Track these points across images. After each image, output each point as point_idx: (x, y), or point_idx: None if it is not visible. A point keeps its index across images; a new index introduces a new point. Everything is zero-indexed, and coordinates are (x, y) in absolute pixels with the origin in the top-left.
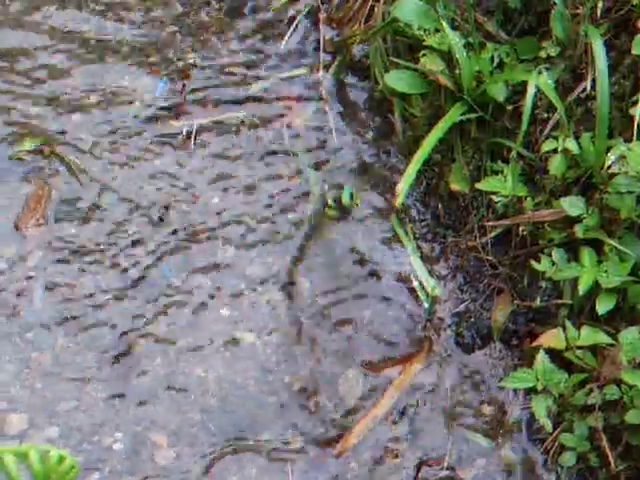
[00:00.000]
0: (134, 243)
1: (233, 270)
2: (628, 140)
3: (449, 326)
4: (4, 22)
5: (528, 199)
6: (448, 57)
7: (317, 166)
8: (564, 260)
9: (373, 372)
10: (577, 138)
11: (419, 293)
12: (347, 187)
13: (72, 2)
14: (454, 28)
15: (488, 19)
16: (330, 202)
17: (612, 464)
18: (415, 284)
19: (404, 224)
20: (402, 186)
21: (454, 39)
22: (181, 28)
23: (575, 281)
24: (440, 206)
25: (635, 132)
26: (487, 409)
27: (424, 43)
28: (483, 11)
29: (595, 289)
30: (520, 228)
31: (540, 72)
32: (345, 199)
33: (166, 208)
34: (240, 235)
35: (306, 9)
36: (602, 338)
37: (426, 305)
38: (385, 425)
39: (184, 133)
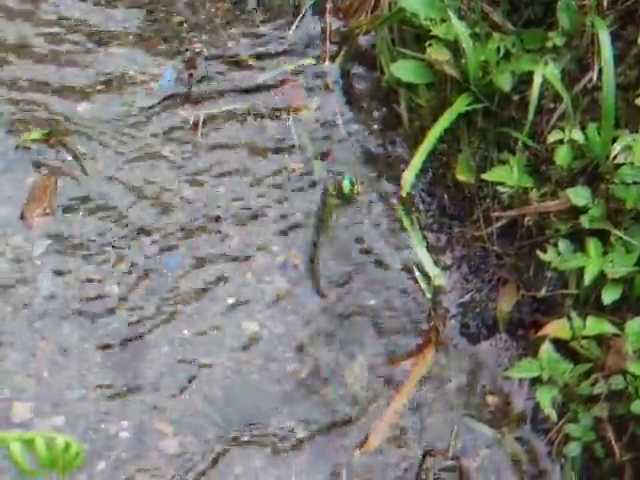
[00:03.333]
0: (140, 232)
1: (238, 260)
2: (634, 130)
3: (454, 316)
4: (10, 13)
5: (534, 189)
6: (454, 47)
7: (323, 156)
8: (570, 250)
9: (384, 364)
10: (583, 128)
11: (424, 283)
12: (347, 175)
13: None
14: (460, 18)
15: (494, 9)
16: (331, 191)
17: (617, 454)
18: (420, 274)
19: (410, 214)
20: (408, 176)
21: (460, 29)
22: (188, 18)
23: (581, 271)
24: (446, 196)
25: None
26: (492, 399)
27: (430, 33)
28: (489, 1)
29: (601, 279)
30: (526, 218)
31: (546, 62)
32: (346, 187)
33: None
34: (246, 225)
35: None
36: (607, 328)
37: (431, 295)
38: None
39: (191, 123)
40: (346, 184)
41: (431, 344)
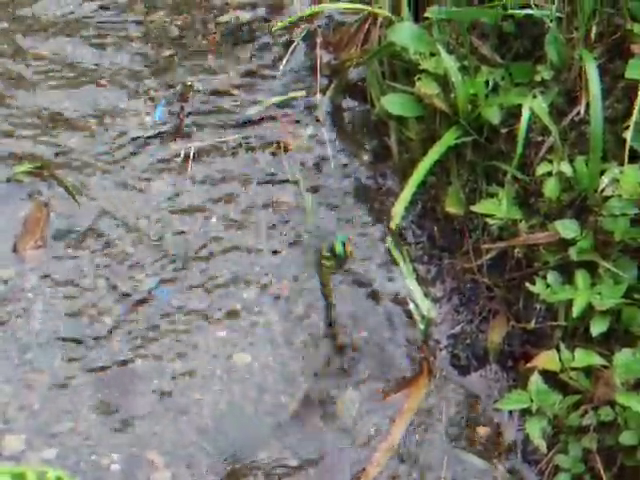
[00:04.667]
0: (131, 264)
1: (230, 292)
2: (622, 163)
3: (445, 347)
4: (3, 49)
5: (523, 222)
6: (443, 81)
7: (314, 189)
8: (558, 282)
9: (377, 398)
10: (571, 161)
11: (415, 315)
12: (339, 236)
13: (69, 27)
14: (449, 52)
15: (483, 43)
16: (324, 253)
17: None
18: (411, 306)
19: (400, 246)
20: (398, 208)
21: (449, 63)
22: (179, 52)
23: (569, 303)
24: (436, 228)
25: (627, 155)
26: (482, 430)
27: (420, 67)
28: (478, 35)
29: (589, 311)
30: (515, 250)
31: (534, 96)
32: (338, 249)
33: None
34: (237, 257)
35: (303, 33)
36: (596, 360)
37: (422, 327)
38: None
39: (182, 156)
40: (338, 246)
41: (423, 376)
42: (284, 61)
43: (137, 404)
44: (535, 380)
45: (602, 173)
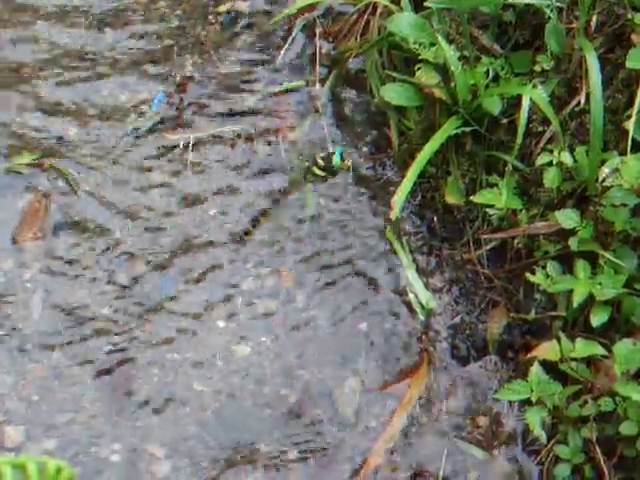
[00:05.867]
0: (131, 256)
1: (229, 283)
2: (622, 153)
3: (445, 338)
4: (2, 37)
5: (523, 212)
6: (443, 70)
7: (313, 179)
8: (559, 272)
9: (376, 387)
10: (572, 151)
11: (415, 306)
12: (338, 148)
13: (69, 17)
14: (449, 42)
15: (483, 32)
16: (319, 162)
17: (607, 476)
18: (411, 297)
19: (400, 237)
20: (398, 199)
21: (449, 52)
22: (178, 42)
23: (570, 293)
24: (435, 219)
25: (629, 145)
26: (482, 421)
27: (419, 57)
28: (478, 25)
29: (589, 301)
30: (515, 241)
31: (535, 86)
32: (336, 160)
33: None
34: (236, 248)
35: (302, 23)
36: (596, 350)
37: (422, 318)
38: None
39: (181, 146)
40: (336, 156)
41: (423, 367)
42: (283, 51)
43: (137, 395)
44: (535, 370)
45: (603, 163)
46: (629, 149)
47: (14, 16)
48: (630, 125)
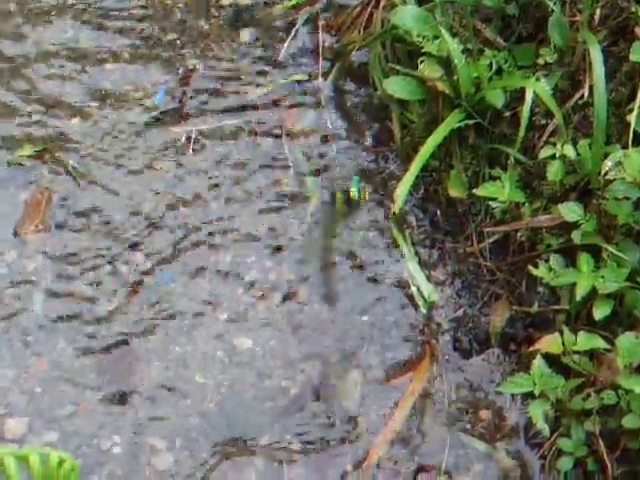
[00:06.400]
0: (133, 248)
1: (231, 276)
2: (625, 146)
3: (447, 331)
4: (4, 32)
5: (526, 205)
6: (446, 63)
7: (316, 172)
8: (562, 266)
9: (379, 382)
10: (575, 144)
11: (417, 299)
12: (354, 180)
13: (71, 10)
14: (452, 35)
15: (486, 26)
16: (339, 196)
17: (609, 469)
18: (413, 290)
19: (402, 230)
20: (400, 192)
21: (452, 45)
22: (181, 35)
23: (572, 287)
24: (438, 212)
25: (630, 138)
26: (485, 414)
27: (423, 50)
28: (481, 18)
29: (592, 295)
30: (518, 234)
31: (538, 79)
32: (353, 193)
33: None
34: (239, 241)
35: (305, 16)
36: (599, 343)
37: (424, 310)
38: None
39: (184, 139)
40: (353, 190)
41: (426, 360)
42: (286, 45)
43: (139, 388)
44: (538, 363)
45: (606, 156)
46: (630, 142)
47: (15, 9)
48: (632, 118)
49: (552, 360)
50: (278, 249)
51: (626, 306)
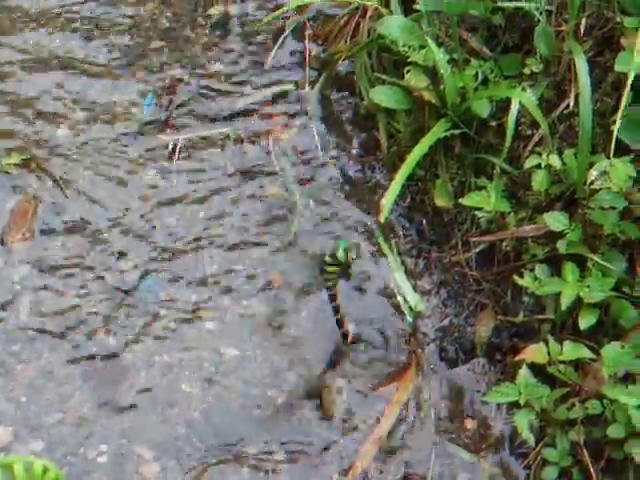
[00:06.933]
0: (119, 257)
1: (217, 284)
2: (611, 156)
3: (433, 341)
4: None
5: (511, 215)
6: (432, 73)
7: (302, 181)
8: (547, 275)
9: (365, 391)
10: (560, 154)
11: (403, 308)
12: (341, 241)
13: (58, 18)
14: (439, 45)
15: (472, 35)
16: (327, 259)
17: (594, 479)
18: (399, 299)
19: (388, 239)
20: (386, 201)
21: (438, 55)
22: (168, 43)
23: (558, 296)
24: (424, 221)
25: (612, 148)
26: (470, 423)
27: (409, 59)
28: (467, 28)
29: (578, 304)
30: (503, 244)
31: (524, 89)
32: (340, 254)
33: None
34: (225, 249)
35: (292, 25)
36: (584, 353)
37: (410, 320)
38: None
39: (170, 148)
40: (340, 252)
41: (411, 369)
42: (273, 54)
43: (125, 397)
44: (523, 373)
45: (591, 166)
46: (612, 152)
47: (1, 16)
48: (615, 127)
49: (537, 370)
50: (265, 257)
51: (611, 316)
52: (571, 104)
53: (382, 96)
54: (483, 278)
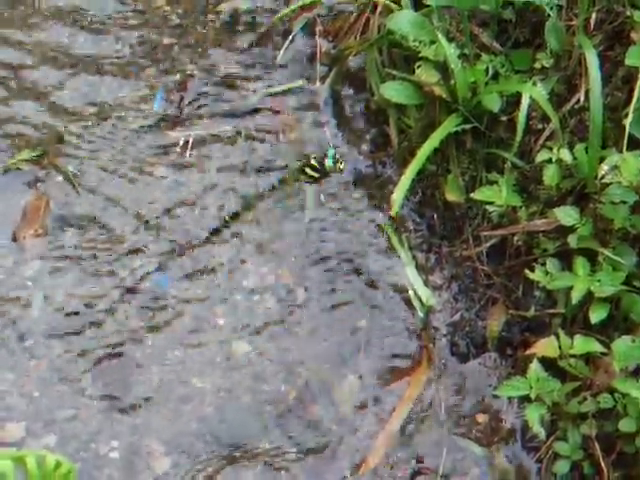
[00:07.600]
0: (131, 253)
1: (229, 280)
2: (622, 150)
3: (444, 335)
4: (2, 38)
5: (522, 209)
6: (443, 68)
7: (313, 178)
8: (558, 270)
9: (377, 386)
10: (571, 148)
11: (414, 303)
12: (330, 149)
13: (69, 15)
14: (449, 40)
15: (483, 30)
16: (312, 162)
17: (605, 472)
18: (410, 294)
19: (399, 234)
20: (397, 196)
21: (449, 50)
22: (179, 40)
23: (569, 290)
24: (435, 216)
25: (625, 142)
26: (482, 417)
27: (419, 55)
28: (478, 23)
29: (588, 298)
30: (515, 238)
31: (534, 83)
32: (329, 163)
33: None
34: (236, 245)
35: (302, 22)
36: (595, 347)
37: (421, 315)
38: None
39: (181, 144)
40: (329, 158)
41: (423, 364)
42: (283, 50)
43: (137, 392)
44: (534, 367)
45: (602, 160)
46: (625, 146)
47: (13, 14)
48: (627, 121)
49: (548, 364)
50: (276, 253)
51: (622, 310)
52: (582, 98)
53: (393, 91)
54: (494, 272)
